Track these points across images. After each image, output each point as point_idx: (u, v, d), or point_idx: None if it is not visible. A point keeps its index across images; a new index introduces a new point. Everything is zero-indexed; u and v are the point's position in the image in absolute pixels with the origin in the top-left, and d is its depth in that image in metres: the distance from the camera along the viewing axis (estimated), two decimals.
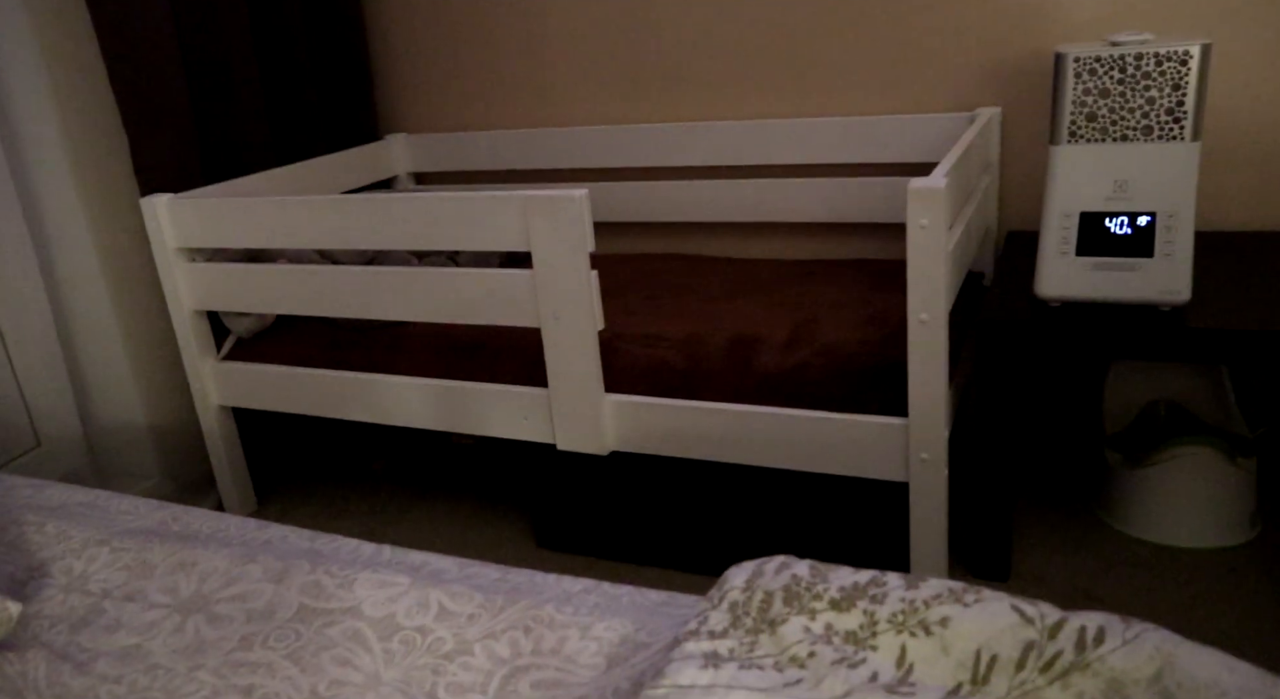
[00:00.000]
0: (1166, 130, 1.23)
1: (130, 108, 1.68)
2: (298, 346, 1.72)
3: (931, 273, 1.20)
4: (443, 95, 2.17)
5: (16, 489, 1.12)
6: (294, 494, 1.94)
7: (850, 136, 1.80)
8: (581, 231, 1.34)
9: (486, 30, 2.07)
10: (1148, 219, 1.27)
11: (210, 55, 1.81)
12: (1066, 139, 1.29)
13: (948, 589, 0.64)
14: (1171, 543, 1.51)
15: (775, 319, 1.53)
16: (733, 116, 1.93)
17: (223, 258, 1.72)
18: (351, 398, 1.65)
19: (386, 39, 2.17)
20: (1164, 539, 1.52)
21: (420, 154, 2.20)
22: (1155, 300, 1.29)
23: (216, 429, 1.79)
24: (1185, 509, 1.50)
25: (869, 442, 1.31)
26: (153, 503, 1.07)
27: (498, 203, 1.38)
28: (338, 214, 1.50)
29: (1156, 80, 1.22)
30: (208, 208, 1.61)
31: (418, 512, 1.82)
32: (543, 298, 1.40)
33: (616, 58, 1.98)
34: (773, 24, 1.84)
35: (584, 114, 2.05)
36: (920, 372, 1.25)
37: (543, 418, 1.50)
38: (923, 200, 1.18)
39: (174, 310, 1.72)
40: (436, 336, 1.61)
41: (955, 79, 1.75)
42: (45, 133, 1.65)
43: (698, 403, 1.41)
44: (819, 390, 1.35)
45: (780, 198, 1.89)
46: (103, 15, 1.62)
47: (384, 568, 0.88)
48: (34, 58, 1.61)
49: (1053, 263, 1.33)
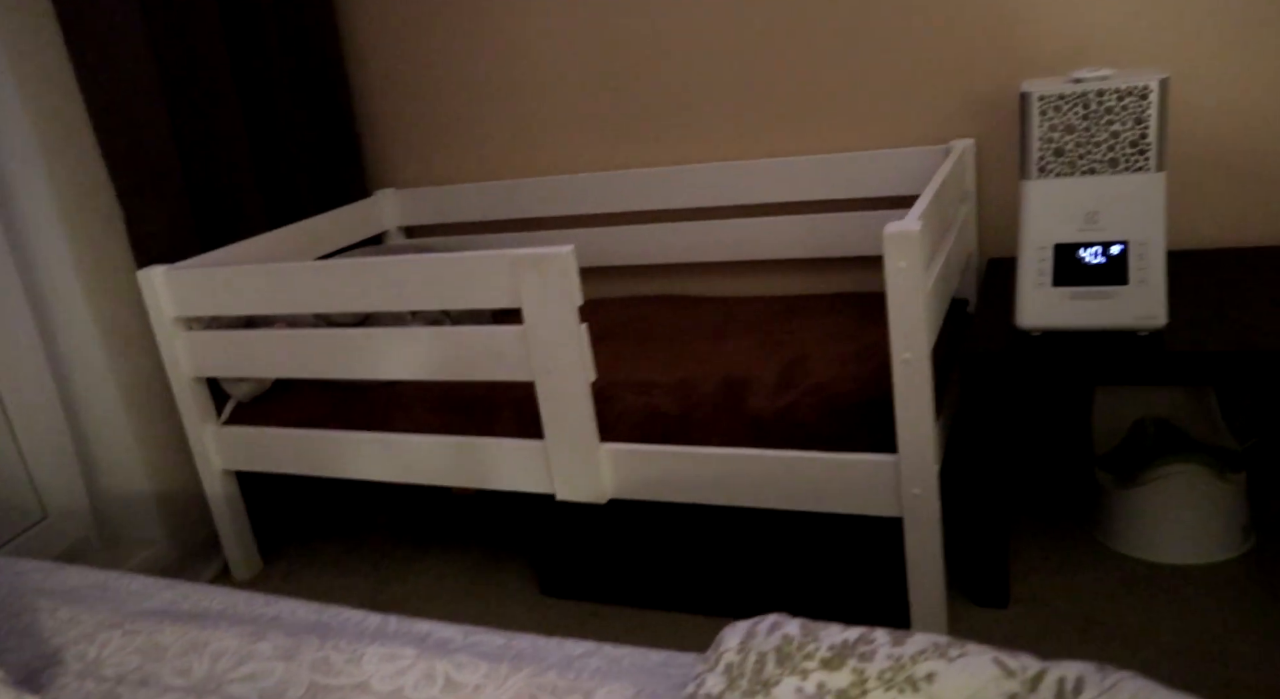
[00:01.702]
0: (1132, 162, 1.27)
1: (125, 182, 1.71)
2: (297, 408, 1.74)
3: (912, 313, 1.23)
4: (429, 150, 2.21)
5: (27, 574, 1.14)
6: (299, 553, 1.96)
7: (829, 173, 1.84)
8: (569, 287, 1.37)
9: (469, 85, 2.11)
10: (1120, 248, 1.30)
11: (200, 126, 1.85)
12: (1036, 174, 1.33)
13: (932, 644, 0.66)
14: (1167, 561, 1.53)
15: (764, 359, 1.56)
16: (713, 158, 1.97)
17: (220, 325, 1.75)
18: (352, 456, 1.68)
19: (371, 98, 2.22)
20: (1159, 557, 1.54)
21: (410, 208, 2.23)
22: (1133, 326, 1.32)
23: (220, 493, 1.81)
24: (1178, 526, 1.52)
25: (860, 479, 1.34)
26: (162, 582, 1.09)
27: (487, 262, 1.41)
28: (330, 279, 1.53)
29: (1119, 115, 1.26)
30: (203, 278, 1.64)
31: (423, 565, 1.84)
32: (535, 352, 1.43)
33: (597, 107, 2.02)
34: (748, 68, 1.88)
35: (568, 162, 2.09)
36: (906, 409, 1.28)
37: (541, 469, 1.52)
38: (899, 243, 1.21)
39: (174, 378, 1.75)
40: (434, 392, 1.64)
41: (928, 113, 1.79)
42: (42, 210, 1.69)
43: (691, 448, 1.43)
44: (809, 430, 1.38)
45: (764, 236, 1.92)
46: (95, 94, 1.66)
47: (390, 640, 0.90)
48: (30, 137, 1.64)
49: (1031, 294, 1.36)
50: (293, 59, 2.06)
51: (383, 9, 2.13)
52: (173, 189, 1.78)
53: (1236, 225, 1.66)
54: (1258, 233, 1.65)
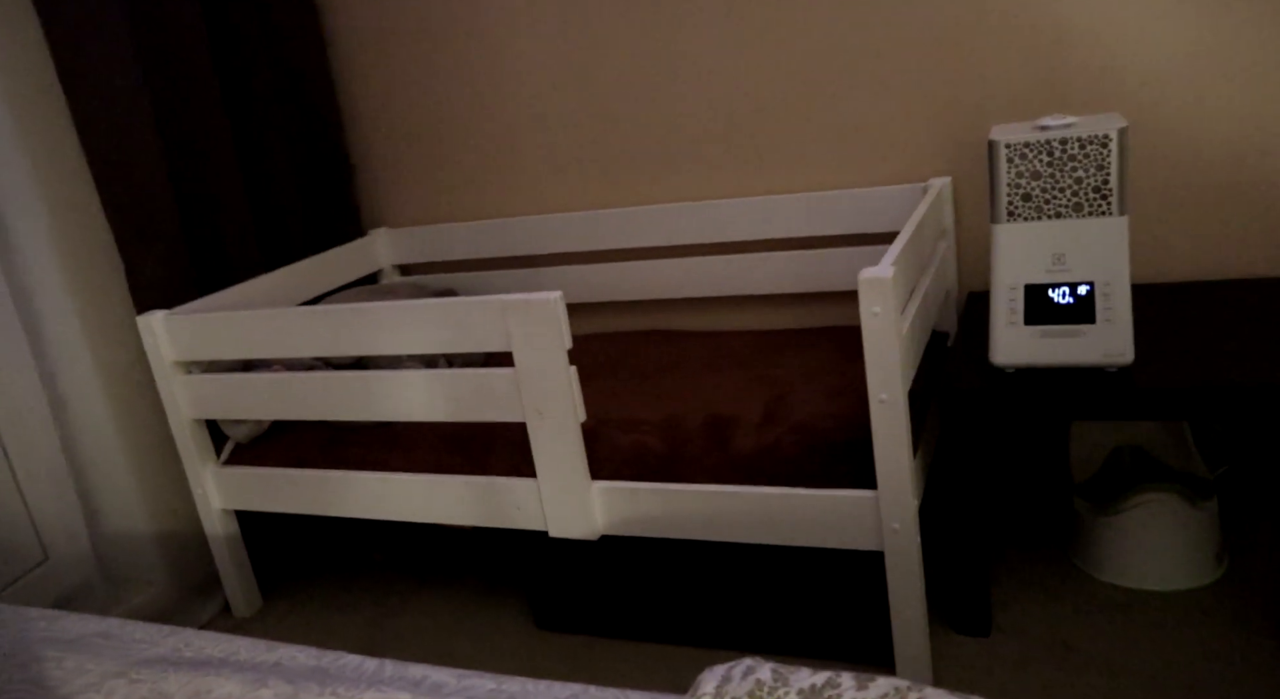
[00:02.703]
0: (1095, 207, 1.32)
1: (124, 232, 1.76)
2: (295, 448, 1.78)
3: (887, 356, 1.28)
4: (421, 190, 2.26)
5: (33, 622, 1.18)
6: (299, 589, 1.99)
7: (811, 211, 1.89)
8: (558, 331, 1.42)
9: (461, 128, 2.17)
10: (1087, 288, 1.35)
11: (197, 174, 1.90)
12: (1005, 217, 1.38)
13: (894, 688, 0.70)
14: (1143, 587, 1.57)
15: (749, 396, 1.61)
16: (700, 197, 2.02)
17: (218, 368, 1.79)
18: (349, 495, 1.72)
19: (365, 141, 2.27)
20: (1136, 583, 1.58)
21: (403, 247, 2.28)
22: (1101, 363, 1.37)
23: (219, 532, 1.85)
24: (1153, 553, 1.56)
25: (842, 515, 1.38)
26: (165, 629, 1.13)
27: (478, 308, 1.46)
28: (324, 324, 1.58)
29: (1082, 162, 1.31)
30: (201, 323, 1.69)
31: (420, 600, 1.88)
32: (526, 395, 1.47)
33: (586, 149, 2.08)
34: (732, 111, 1.94)
35: (558, 202, 2.14)
36: (884, 447, 1.32)
37: (534, 507, 1.56)
38: (873, 289, 1.26)
39: (173, 420, 1.79)
40: (429, 432, 1.68)
41: (907, 153, 1.84)
42: (45, 259, 1.73)
43: (679, 486, 1.48)
44: (792, 467, 1.42)
45: (750, 272, 1.97)
46: (95, 147, 1.71)
47: (386, 685, 0.94)
48: (32, 189, 1.69)
49: (1004, 332, 1.41)
50: (289, 105, 2.12)
51: (375, 56, 2.19)
52: (170, 236, 1.83)
53: (1197, 259, 1.72)
54: (1217, 266, 1.71)
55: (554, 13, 2.00)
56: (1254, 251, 1.68)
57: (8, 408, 1.76)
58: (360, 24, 2.18)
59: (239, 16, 1.98)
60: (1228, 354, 1.38)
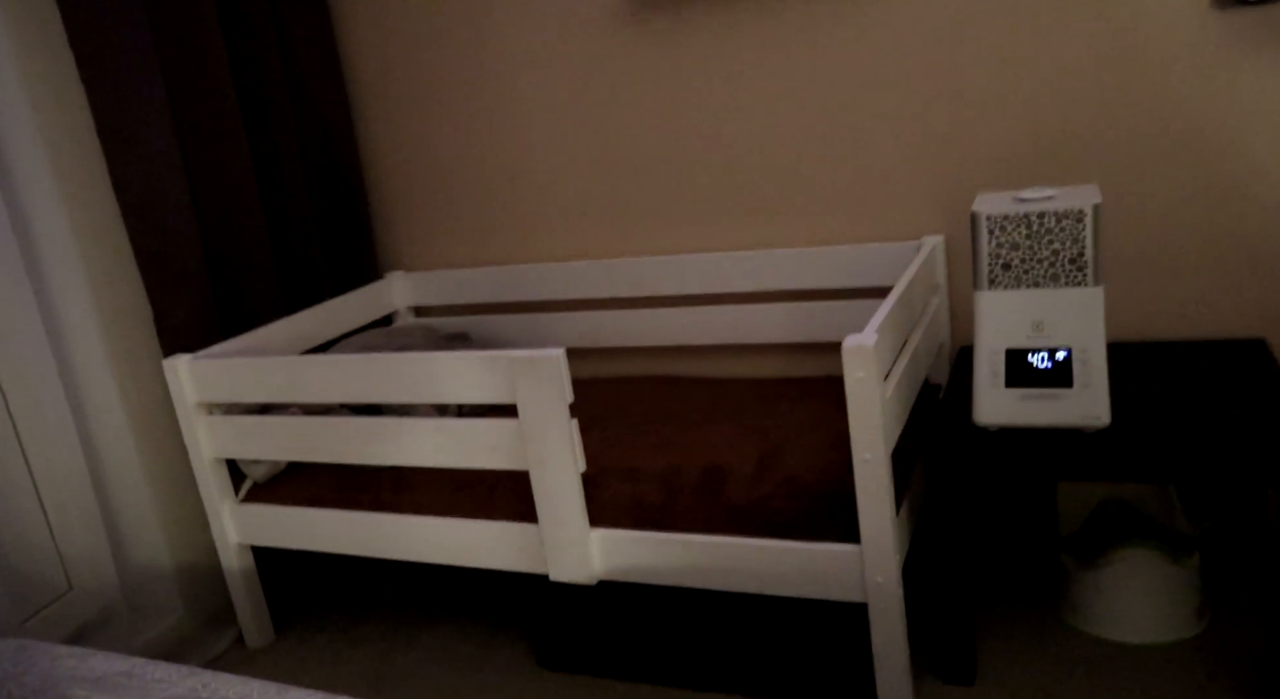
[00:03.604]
0: (1072, 277, 1.38)
1: (153, 279, 1.85)
2: (310, 488, 1.86)
3: (870, 419, 1.34)
4: (437, 236, 2.35)
5: (61, 659, 1.25)
6: (310, 623, 2.07)
7: (810, 266, 1.96)
8: (560, 386, 1.49)
9: (476, 178, 2.26)
10: (1065, 354, 1.41)
11: (224, 223, 1.99)
12: (987, 285, 1.44)
13: None
14: (1126, 640, 1.62)
15: (744, 447, 1.67)
16: (704, 249, 2.10)
17: (238, 410, 1.88)
18: (361, 535, 1.79)
19: (384, 188, 2.37)
20: (1119, 637, 1.62)
21: (418, 290, 2.37)
22: (1079, 425, 1.43)
23: (236, 566, 1.93)
24: (1135, 607, 1.61)
25: (828, 567, 1.44)
26: (184, 669, 1.20)
27: (485, 363, 1.53)
28: (339, 372, 1.66)
29: (1058, 235, 1.38)
30: (223, 368, 1.78)
31: (427, 637, 1.94)
32: (529, 445, 1.55)
33: (595, 200, 2.16)
34: (736, 167, 2.02)
35: (568, 250, 2.23)
36: (868, 503, 1.38)
37: (535, 551, 1.63)
38: (857, 357, 1.32)
39: (194, 458, 1.87)
40: (437, 476, 1.75)
41: (902, 211, 1.91)
42: (78, 305, 1.83)
43: (674, 535, 1.54)
44: (782, 519, 1.48)
45: (751, 321, 2.04)
46: (129, 197, 1.81)
47: None
48: (67, 238, 1.79)
49: (986, 393, 1.47)
50: (312, 156, 2.22)
51: (395, 109, 2.29)
52: (198, 284, 1.93)
53: (1176, 318, 1.77)
54: (1192, 327, 1.76)
55: (571, 76, 2.09)
56: (1226, 312, 1.74)
57: (40, 445, 1.85)
58: (381, 76, 2.28)
59: (265, 72, 2.08)
60: (1200, 417, 1.43)
